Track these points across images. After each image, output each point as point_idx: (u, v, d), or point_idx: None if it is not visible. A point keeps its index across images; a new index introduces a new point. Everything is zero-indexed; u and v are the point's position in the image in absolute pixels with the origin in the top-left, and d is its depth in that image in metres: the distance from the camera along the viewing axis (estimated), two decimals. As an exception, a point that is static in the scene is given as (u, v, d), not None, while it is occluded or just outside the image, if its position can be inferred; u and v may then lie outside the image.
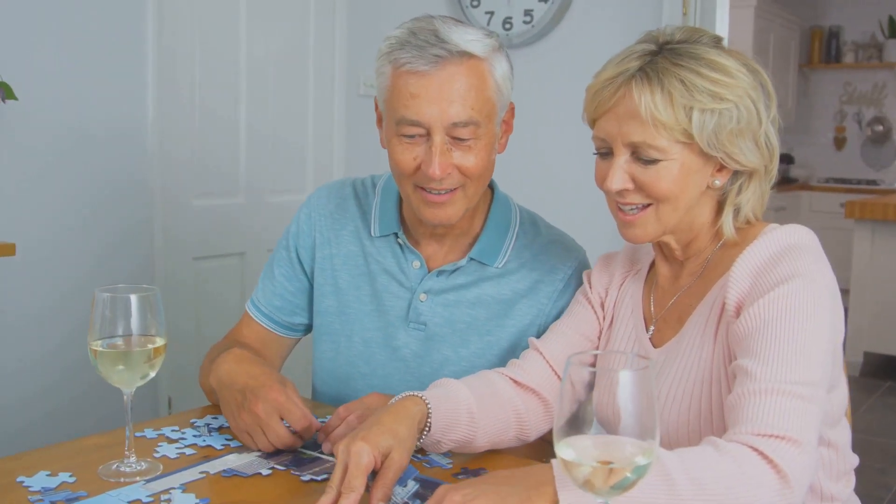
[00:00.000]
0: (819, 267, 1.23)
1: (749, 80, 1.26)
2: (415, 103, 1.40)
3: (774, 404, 1.10)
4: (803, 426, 1.09)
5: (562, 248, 1.62)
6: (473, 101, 1.42)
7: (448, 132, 1.42)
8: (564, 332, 1.47)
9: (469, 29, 1.44)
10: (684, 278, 1.37)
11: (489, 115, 1.45)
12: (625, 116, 1.25)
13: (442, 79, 1.40)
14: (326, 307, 1.65)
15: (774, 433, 1.08)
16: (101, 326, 1.23)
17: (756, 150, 1.28)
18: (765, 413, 1.09)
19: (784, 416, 1.09)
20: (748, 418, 1.10)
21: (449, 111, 1.40)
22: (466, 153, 1.44)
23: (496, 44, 1.47)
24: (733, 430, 1.11)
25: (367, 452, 1.13)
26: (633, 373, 0.91)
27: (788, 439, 1.07)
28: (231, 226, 3.36)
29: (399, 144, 1.45)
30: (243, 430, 1.35)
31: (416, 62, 1.40)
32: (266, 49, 3.39)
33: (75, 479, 1.24)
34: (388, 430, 1.19)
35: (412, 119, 1.41)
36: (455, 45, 1.40)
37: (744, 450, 1.06)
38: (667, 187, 1.25)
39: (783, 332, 1.15)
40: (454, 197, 1.47)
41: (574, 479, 0.92)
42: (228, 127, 3.31)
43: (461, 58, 1.41)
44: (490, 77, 1.45)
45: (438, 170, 1.41)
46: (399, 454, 1.17)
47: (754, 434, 1.08)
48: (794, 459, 1.06)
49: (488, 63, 1.44)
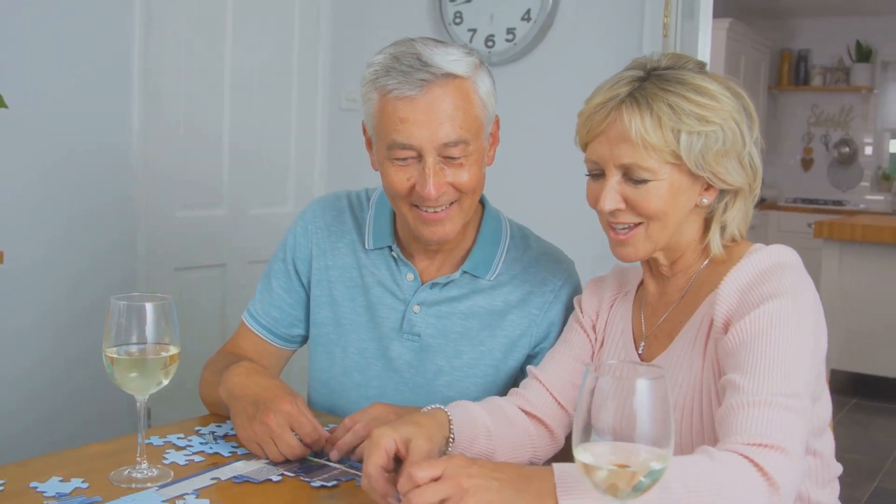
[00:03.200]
0: (803, 284, 1.28)
1: (733, 104, 1.32)
2: (405, 127, 1.43)
3: (762, 415, 1.15)
4: (790, 436, 1.14)
5: (551, 261, 1.67)
6: (462, 121, 1.45)
7: (439, 152, 1.45)
8: (560, 359, 1.51)
9: (449, 49, 1.47)
10: (672, 294, 1.42)
11: (477, 132, 1.49)
12: (616, 139, 1.30)
13: (429, 101, 1.43)
14: (322, 318, 1.68)
15: (764, 442, 1.12)
16: (116, 334, 1.25)
17: (741, 169, 1.33)
18: (754, 424, 1.14)
19: (772, 427, 1.14)
20: (738, 429, 1.15)
21: (439, 133, 1.43)
22: (459, 170, 1.48)
23: (477, 61, 1.50)
24: (725, 441, 1.16)
25: (388, 436, 1.18)
26: (648, 381, 0.95)
27: (777, 448, 1.12)
28: (213, 238, 3.37)
29: (392, 167, 1.48)
30: (254, 440, 1.37)
31: (402, 88, 1.43)
32: (250, 63, 3.41)
33: (88, 484, 1.26)
34: (410, 421, 1.24)
35: (403, 143, 1.44)
36: (439, 67, 1.43)
37: (736, 458, 1.11)
38: (657, 206, 1.30)
39: (769, 347, 1.20)
40: (450, 213, 1.51)
41: (591, 482, 0.95)
42: (212, 140, 3.32)
43: (446, 79, 1.44)
44: (475, 95, 1.48)
45: (433, 190, 1.45)
46: (422, 440, 1.20)
47: (745, 444, 1.13)
48: (783, 467, 1.11)
49: (472, 81, 1.48)
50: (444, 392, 1.62)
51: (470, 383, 1.61)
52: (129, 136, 2.97)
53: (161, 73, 3.07)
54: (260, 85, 3.47)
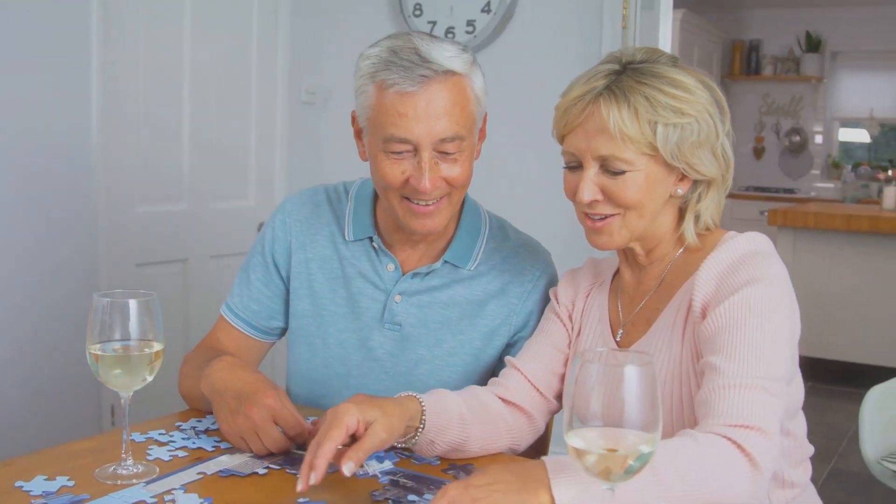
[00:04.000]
0: (777, 271, 1.33)
1: (706, 96, 1.35)
2: (403, 122, 1.45)
3: (742, 397, 1.19)
4: (769, 417, 1.19)
5: (529, 252, 1.70)
6: (458, 117, 1.48)
7: (435, 147, 1.47)
8: (538, 348, 1.54)
9: (445, 45, 1.49)
10: (648, 282, 1.45)
11: (471, 128, 1.52)
12: (593, 132, 1.32)
13: (428, 97, 1.45)
14: (302, 310, 1.69)
15: (744, 424, 1.17)
16: (100, 331, 1.25)
17: (714, 160, 1.37)
18: (734, 406, 1.18)
19: (752, 408, 1.18)
20: (719, 411, 1.19)
21: (436, 128, 1.45)
22: (452, 165, 1.50)
23: (472, 58, 1.53)
24: (707, 422, 1.19)
25: (352, 414, 1.20)
26: (637, 368, 0.97)
27: (757, 429, 1.16)
28: (174, 233, 3.35)
29: (386, 160, 1.50)
30: (237, 434, 1.37)
31: (403, 83, 1.44)
32: (210, 56, 3.39)
33: (74, 482, 1.25)
34: (377, 405, 1.25)
35: (401, 137, 1.46)
36: (438, 64, 1.46)
37: (718, 439, 1.15)
38: (634, 196, 1.33)
39: (748, 332, 1.25)
40: (440, 206, 1.53)
41: (582, 466, 0.98)
42: (172, 134, 3.29)
43: (445, 76, 1.46)
44: (470, 91, 1.51)
45: (429, 184, 1.47)
46: (381, 427, 1.22)
47: (726, 425, 1.17)
48: (762, 447, 1.15)
49: (468, 78, 1.50)
50: (425, 381, 1.64)
51: (451, 372, 1.64)
52: (88, 131, 2.93)
53: (120, 68, 3.04)
54: (219, 78, 3.44)
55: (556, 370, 1.52)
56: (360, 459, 1.19)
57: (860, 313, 5.08)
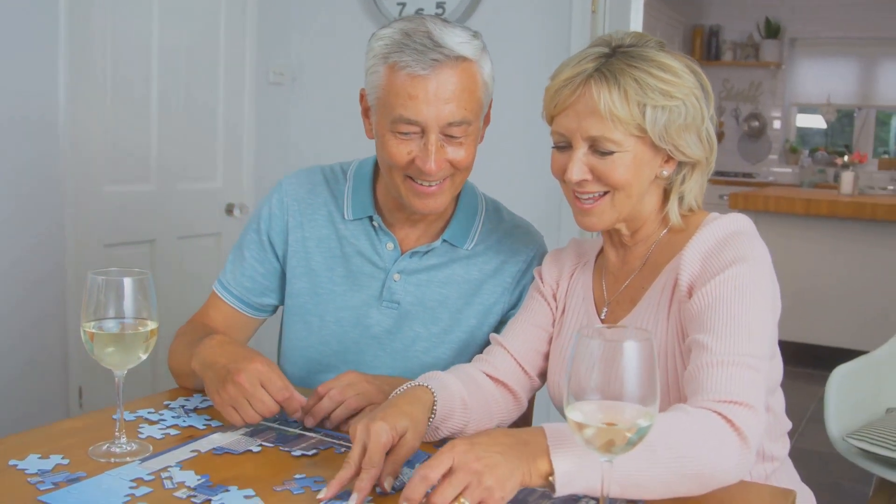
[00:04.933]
0: (760, 251, 1.37)
1: (693, 80, 1.39)
2: (413, 104, 1.48)
3: (730, 374, 1.23)
4: (755, 393, 1.23)
5: (523, 233, 1.74)
6: (466, 102, 1.50)
7: (442, 130, 1.50)
8: (523, 326, 1.56)
9: (457, 31, 1.52)
10: (633, 262, 1.48)
11: (478, 113, 1.55)
12: (584, 113, 1.35)
13: (439, 81, 1.47)
14: (299, 289, 1.70)
15: (733, 399, 1.20)
16: (95, 309, 1.25)
17: (699, 143, 1.40)
18: (723, 382, 1.22)
19: (740, 384, 1.22)
20: (708, 387, 1.22)
21: (444, 112, 1.48)
22: (458, 148, 1.53)
23: (482, 44, 1.55)
24: (696, 398, 1.23)
25: (387, 431, 1.19)
26: (636, 343, 1.00)
27: (744, 405, 1.20)
28: (142, 213, 3.32)
29: (394, 139, 1.52)
30: (228, 403, 1.37)
31: (415, 66, 1.47)
32: (178, 36, 3.35)
33: (68, 461, 1.25)
34: (405, 412, 1.25)
35: (410, 119, 1.49)
36: (451, 49, 1.48)
37: (710, 414, 1.19)
38: (622, 176, 1.36)
39: (733, 310, 1.28)
40: (443, 187, 1.56)
41: (582, 439, 1.00)
42: (140, 114, 3.26)
43: (456, 61, 1.49)
44: (479, 77, 1.53)
45: (434, 166, 1.50)
46: (412, 436, 1.23)
47: (716, 400, 1.20)
48: (750, 422, 1.19)
49: (477, 64, 1.53)
50: (421, 358, 1.67)
51: (446, 349, 1.67)
52: (55, 112, 2.89)
53: (88, 48, 2.99)
54: (187, 58, 3.41)
55: (540, 349, 1.55)
56: (397, 472, 1.20)
57: (818, 296, 5.18)
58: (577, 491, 1.12)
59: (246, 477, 1.23)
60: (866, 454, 2.36)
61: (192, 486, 1.18)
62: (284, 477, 1.23)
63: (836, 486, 3.59)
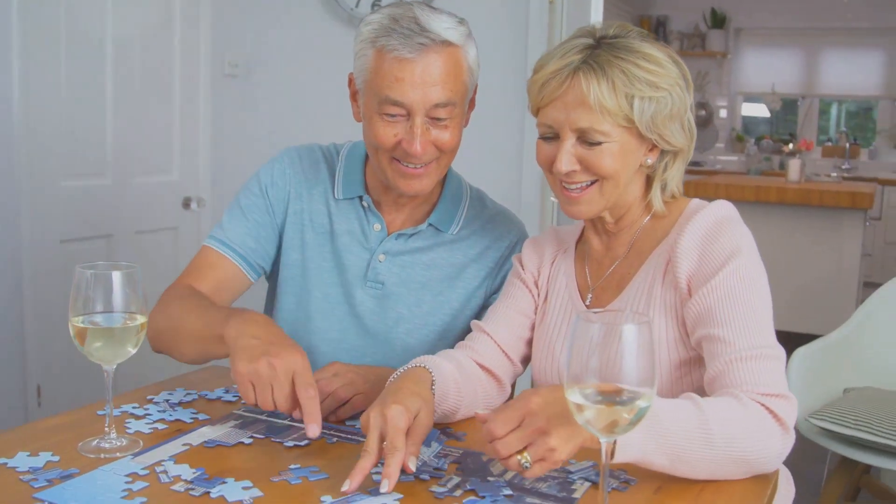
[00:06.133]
0: (750, 237, 1.41)
1: (676, 70, 1.41)
2: (399, 86, 1.51)
3: (759, 368, 1.28)
4: (784, 381, 1.30)
5: (506, 220, 1.78)
6: (452, 85, 1.53)
7: (427, 113, 1.53)
8: (505, 313, 1.58)
9: (443, 17, 1.55)
10: (618, 249, 1.51)
11: (463, 96, 1.58)
12: (573, 104, 1.36)
13: (425, 64, 1.51)
14: (293, 260, 1.72)
15: (771, 392, 1.26)
16: (83, 303, 1.23)
17: (682, 132, 1.43)
18: (756, 375, 1.27)
19: (771, 377, 1.28)
20: (745, 381, 1.27)
21: (430, 94, 1.51)
22: (443, 131, 1.56)
23: (467, 31, 1.58)
24: (737, 390, 1.26)
25: (403, 414, 1.19)
26: (635, 326, 1.01)
27: (783, 396, 1.26)
28: (99, 208, 3.27)
29: (381, 121, 1.55)
30: (249, 378, 1.29)
31: (402, 49, 1.50)
32: (132, 27, 3.31)
33: (59, 457, 1.24)
34: (415, 393, 1.26)
35: (396, 100, 1.51)
36: (437, 34, 1.51)
37: (758, 407, 1.24)
38: (610, 165, 1.38)
39: (745, 303, 1.33)
40: (429, 169, 1.59)
41: (583, 420, 1.02)
42: (95, 107, 3.21)
43: (442, 46, 1.52)
44: (464, 62, 1.56)
45: (420, 147, 1.53)
46: (426, 414, 1.24)
47: (758, 393, 1.25)
48: (789, 412, 1.26)
49: (463, 50, 1.56)
50: (404, 339, 1.69)
51: (428, 331, 1.70)
52: (9, 105, 2.83)
53: (41, 40, 2.94)
54: (142, 50, 3.37)
55: (522, 335, 1.57)
56: (418, 452, 1.21)
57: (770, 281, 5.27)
58: (632, 459, 1.16)
59: (241, 469, 1.23)
60: (828, 433, 2.42)
61: (189, 480, 1.18)
62: (279, 467, 1.23)
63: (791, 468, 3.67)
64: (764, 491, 1.23)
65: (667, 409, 1.18)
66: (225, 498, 1.13)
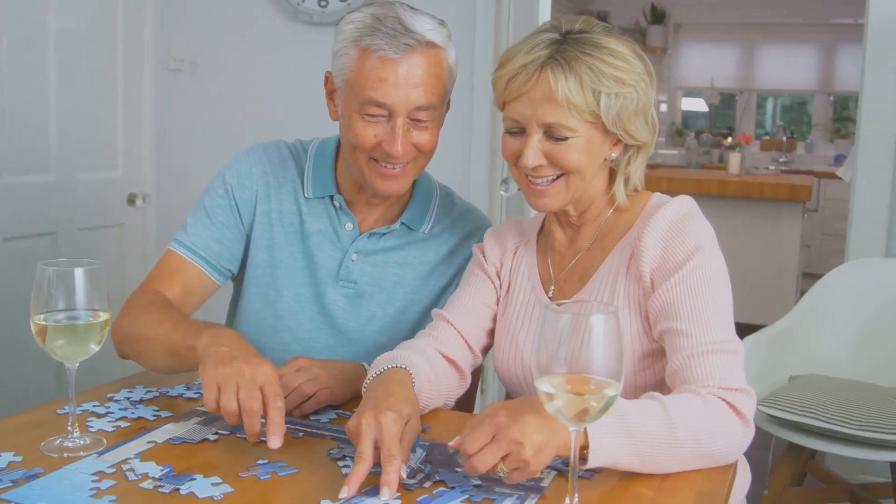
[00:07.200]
0: (711, 232, 1.45)
1: (641, 66, 1.42)
2: (382, 87, 1.50)
3: (720, 362, 1.31)
4: (742, 375, 1.33)
5: (474, 217, 1.79)
6: (434, 87, 1.53)
7: (409, 114, 1.53)
8: (469, 303, 1.58)
9: (425, 18, 1.55)
10: (582, 241, 1.53)
11: (443, 98, 1.58)
12: (540, 100, 1.37)
13: (409, 65, 1.50)
14: (260, 260, 1.71)
15: (731, 386, 1.29)
16: (46, 301, 1.21)
17: (646, 127, 1.45)
18: (716, 370, 1.30)
19: (730, 371, 1.31)
20: (704, 377, 1.30)
21: (412, 96, 1.51)
22: (423, 132, 1.56)
23: (448, 32, 1.59)
24: (693, 385, 1.29)
25: (397, 422, 1.18)
26: (603, 316, 1.03)
27: (742, 390, 1.30)
28: (42, 204, 3.21)
29: (361, 121, 1.54)
30: (216, 380, 1.26)
31: (387, 49, 1.49)
32: (75, 19, 3.25)
33: (21, 458, 1.22)
34: (405, 398, 1.26)
35: (379, 101, 1.51)
36: (421, 35, 1.51)
37: (718, 401, 1.27)
38: (577, 160, 1.40)
39: (706, 298, 1.36)
40: (406, 170, 1.59)
41: (553, 409, 1.04)
42: (38, 103, 3.15)
43: (425, 47, 1.52)
44: (445, 63, 1.57)
45: (401, 149, 1.52)
46: (416, 419, 1.25)
47: (718, 388, 1.28)
48: (749, 405, 1.29)
49: (445, 51, 1.56)
50: (376, 337, 1.69)
51: (400, 329, 1.70)
52: (-52, 99, 2.77)
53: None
54: (86, 43, 3.31)
55: (484, 325, 1.58)
56: (408, 457, 1.20)
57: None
58: (605, 464, 1.18)
59: (209, 465, 1.22)
60: (775, 420, 2.47)
61: (157, 477, 1.17)
62: (247, 463, 1.23)
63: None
64: (725, 478, 1.25)
65: (636, 413, 1.20)
66: (195, 494, 1.12)
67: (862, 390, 2.53)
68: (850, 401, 2.41)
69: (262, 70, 3.62)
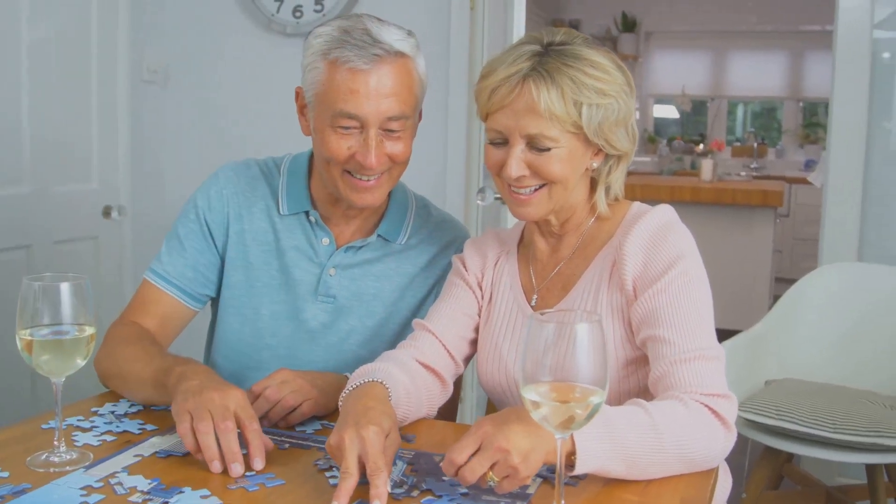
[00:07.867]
0: (692, 240, 1.47)
1: (622, 77, 1.44)
2: (353, 98, 1.51)
3: (702, 369, 1.33)
4: (724, 381, 1.35)
5: (451, 227, 1.79)
6: (405, 97, 1.54)
7: (381, 125, 1.53)
8: (450, 313, 1.59)
9: (392, 28, 1.56)
10: (563, 250, 1.54)
11: (415, 108, 1.59)
12: (522, 111, 1.39)
13: (379, 76, 1.51)
14: (235, 281, 1.70)
15: (713, 392, 1.31)
16: (32, 316, 1.21)
17: (627, 137, 1.47)
18: (699, 377, 1.32)
19: (712, 378, 1.33)
20: (687, 383, 1.32)
21: (383, 107, 1.52)
22: (396, 142, 1.56)
23: (416, 42, 1.60)
24: (676, 392, 1.32)
25: (379, 435, 1.20)
26: (587, 325, 1.05)
27: (724, 396, 1.32)
28: (16, 217, 3.19)
29: (333, 135, 1.55)
30: (188, 410, 1.27)
31: (357, 61, 1.50)
32: (47, 29, 3.23)
33: (8, 473, 1.22)
34: (384, 412, 1.27)
35: (350, 113, 1.51)
36: (390, 45, 1.52)
37: (700, 408, 1.29)
38: (559, 171, 1.42)
39: (689, 305, 1.38)
40: (381, 181, 1.59)
41: (539, 417, 1.06)
42: (11, 114, 3.13)
43: (395, 57, 1.53)
44: (415, 73, 1.58)
45: (375, 161, 1.53)
46: (396, 433, 1.26)
47: (700, 394, 1.31)
48: (731, 411, 1.32)
49: (414, 61, 1.57)
50: (357, 351, 1.69)
51: (380, 342, 1.70)
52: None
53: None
54: (58, 54, 3.29)
55: (466, 335, 1.59)
56: (391, 470, 1.21)
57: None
58: (592, 470, 1.20)
59: (196, 478, 1.22)
60: (752, 424, 2.50)
61: (146, 490, 1.17)
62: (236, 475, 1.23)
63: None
64: (707, 483, 1.27)
65: (622, 420, 1.23)
66: (184, 507, 1.13)
67: (836, 393, 2.57)
68: (825, 404, 2.44)
69: (237, 81, 3.61)
